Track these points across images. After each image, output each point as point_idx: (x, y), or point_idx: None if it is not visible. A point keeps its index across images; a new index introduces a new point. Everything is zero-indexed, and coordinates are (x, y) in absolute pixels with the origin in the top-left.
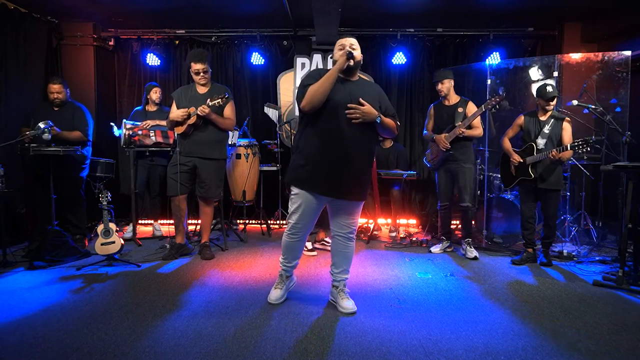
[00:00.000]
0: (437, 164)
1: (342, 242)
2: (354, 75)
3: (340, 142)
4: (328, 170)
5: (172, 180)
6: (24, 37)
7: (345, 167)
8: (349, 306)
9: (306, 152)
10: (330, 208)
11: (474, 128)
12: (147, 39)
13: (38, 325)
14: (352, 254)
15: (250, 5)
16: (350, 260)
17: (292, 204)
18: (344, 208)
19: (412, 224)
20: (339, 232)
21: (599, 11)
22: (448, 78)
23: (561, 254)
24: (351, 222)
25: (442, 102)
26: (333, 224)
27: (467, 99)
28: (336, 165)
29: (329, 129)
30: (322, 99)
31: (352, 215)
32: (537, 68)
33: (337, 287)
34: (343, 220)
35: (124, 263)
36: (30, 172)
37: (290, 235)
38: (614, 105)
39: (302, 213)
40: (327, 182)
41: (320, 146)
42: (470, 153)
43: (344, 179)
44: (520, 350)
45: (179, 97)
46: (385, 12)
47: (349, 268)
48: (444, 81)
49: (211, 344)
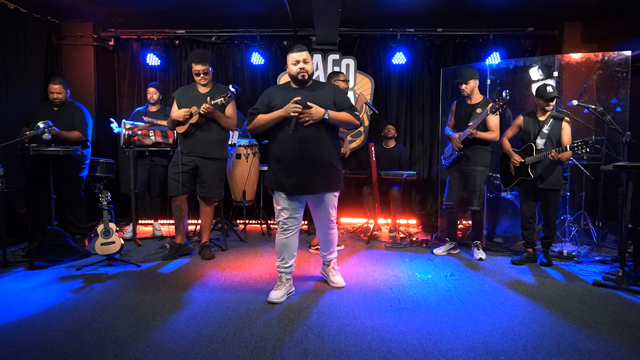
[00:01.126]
0: (450, 163)
1: (325, 230)
2: (308, 83)
3: (298, 144)
4: (293, 171)
5: (173, 180)
6: (24, 37)
7: (307, 165)
8: (338, 280)
9: (274, 157)
10: (309, 202)
11: (489, 131)
12: (147, 39)
13: (38, 326)
14: (335, 238)
15: (250, 5)
16: (335, 242)
17: (275, 204)
18: (318, 201)
19: (412, 224)
20: (320, 222)
21: (599, 11)
22: (474, 78)
23: (561, 254)
24: (329, 212)
25: (465, 100)
26: (314, 216)
27: (489, 100)
28: (299, 165)
29: (287, 134)
30: (265, 131)
31: (328, 206)
32: (537, 68)
33: (327, 265)
34: (320, 212)
35: (124, 263)
36: (30, 172)
37: (282, 232)
38: (614, 105)
39: (286, 210)
40: (294, 182)
41: (284, 151)
42: (485, 156)
43: (309, 176)
44: (521, 350)
45: (180, 96)
46: (385, 12)
47: (334, 249)
48: (469, 82)
49: (211, 344)
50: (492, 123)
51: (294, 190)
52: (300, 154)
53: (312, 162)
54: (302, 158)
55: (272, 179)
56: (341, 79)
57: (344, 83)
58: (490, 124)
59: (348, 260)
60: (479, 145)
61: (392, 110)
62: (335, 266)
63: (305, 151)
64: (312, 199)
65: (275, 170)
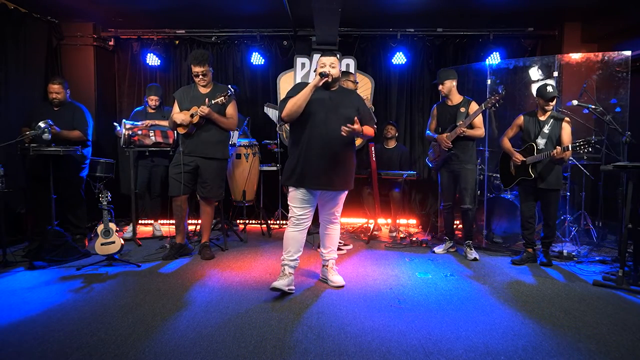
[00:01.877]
0: (439, 164)
1: (328, 225)
2: (334, 86)
3: (323, 141)
4: (315, 167)
5: (174, 181)
6: (24, 37)
7: (328, 163)
8: (338, 280)
9: (296, 152)
10: (319, 198)
11: (476, 128)
12: (147, 39)
13: (38, 326)
14: (337, 235)
15: (250, 5)
16: (336, 241)
17: (291, 200)
18: (331, 198)
19: (412, 224)
20: (325, 217)
21: (599, 11)
22: (449, 79)
23: (561, 254)
24: (335, 209)
25: (445, 102)
26: (321, 211)
27: (470, 98)
28: (321, 162)
29: (312, 133)
30: (298, 111)
31: (337, 203)
32: (537, 68)
33: (326, 266)
34: (329, 208)
35: (124, 263)
36: (31, 172)
37: (295, 226)
38: (614, 105)
39: (301, 206)
40: (315, 177)
41: (307, 148)
42: (472, 153)
43: (329, 173)
44: (521, 350)
45: (181, 96)
46: (385, 12)
47: (335, 247)
48: (444, 82)
49: (211, 344)
50: (476, 120)
51: (316, 186)
52: (326, 152)
53: (335, 161)
54: (327, 155)
55: (295, 175)
56: (351, 79)
57: (353, 84)
58: (475, 121)
59: (348, 260)
60: (466, 142)
61: (392, 110)
62: (334, 266)
63: (330, 149)
64: (325, 195)
65: (296, 166)
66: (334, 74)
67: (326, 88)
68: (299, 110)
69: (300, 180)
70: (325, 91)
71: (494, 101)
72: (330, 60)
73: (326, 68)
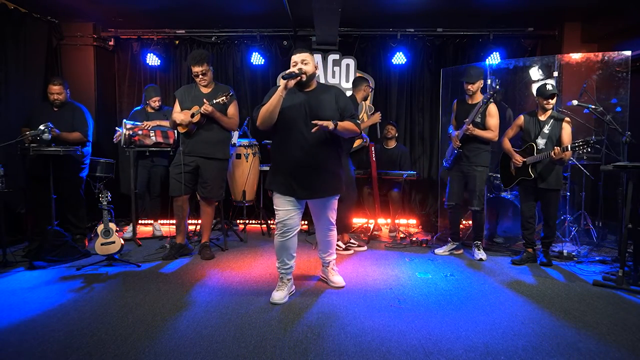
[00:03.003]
0: (450, 163)
1: (325, 232)
2: (310, 86)
3: (302, 149)
4: (297, 175)
5: (175, 181)
6: (24, 37)
7: (311, 170)
8: (338, 280)
9: (277, 160)
10: (310, 205)
11: (488, 130)
12: (147, 39)
13: (38, 326)
14: (334, 240)
15: (250, 5)
16: (334, 244)
17: (275, 206)
18: (320, 204)
19: (412, 224)
20: (321, 224)
21: (599, 11)
22: (481, 79)
23: (561, 254)
24: (329, 214)
25: (465, 99)
26: (315, 218)
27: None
28: (303, 169)
29: (291, 138)
30: (272, 118)
31: (329, 209)
32: (537, 68)
33: (326, 267)
34: (323, 215)
35: (124, 263)
36: (31, 172)
37: (281, 235)
38: (614, 105)
39: (286, 209)
40: (298, 186)
41: (287, 154)
42: (484, 156)
43: (313, 180)
44: (521, 350)
45: (182, 96)
46: (385, 12)
47: (333, 250)
48: (477, 82)
49: (211, 344)
50: (490, 123)
51: (300, 194)
52: (307, 158)
53: (318, 166)
54: (309, 162)
55: (278, 182)
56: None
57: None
58: (489, 124)
59: (348, 260)
60: (479, 145)
61: (392, 110)
62: (334, 267)
63: (311, 156)
64: (314, 202)
65: (279, 174)
66: (307, 71)
67: (301, 88)
68: (273, 117)
69: (283, 187)
70: (300, 93)
71: (489, 95)
72: (302, 56)
73: (297, 67)
